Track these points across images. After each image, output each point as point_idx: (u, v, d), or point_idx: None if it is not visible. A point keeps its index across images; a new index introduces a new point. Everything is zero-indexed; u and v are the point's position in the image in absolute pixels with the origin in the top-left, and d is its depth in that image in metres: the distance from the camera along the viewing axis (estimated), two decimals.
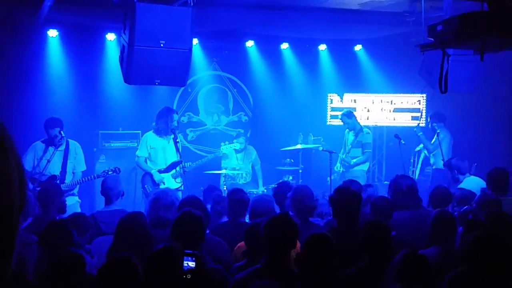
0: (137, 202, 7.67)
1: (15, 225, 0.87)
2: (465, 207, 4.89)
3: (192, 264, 3.08)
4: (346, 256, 3.66)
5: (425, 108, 9.06)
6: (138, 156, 7.27)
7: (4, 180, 0.85)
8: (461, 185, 5.87)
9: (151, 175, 7.12)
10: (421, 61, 7.34)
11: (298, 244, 3.51)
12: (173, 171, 7.18)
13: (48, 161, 6.44)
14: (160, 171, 7.13)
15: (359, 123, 8.66)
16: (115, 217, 4.32)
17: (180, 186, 7.15)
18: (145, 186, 7.13)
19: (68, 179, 6.61)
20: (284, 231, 3.34)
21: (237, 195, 4.91)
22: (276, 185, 5.94)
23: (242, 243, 4.03)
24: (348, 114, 8.65)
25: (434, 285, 3.16)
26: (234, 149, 8.53)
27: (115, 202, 5.16)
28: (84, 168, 6.86)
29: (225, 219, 4.95)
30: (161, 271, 3.03)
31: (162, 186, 6.92)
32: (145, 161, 7.23)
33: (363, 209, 4.57)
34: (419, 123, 8.79)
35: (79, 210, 6.40)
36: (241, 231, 4.05)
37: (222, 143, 8.52)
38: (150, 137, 7.25)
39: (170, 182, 7.14)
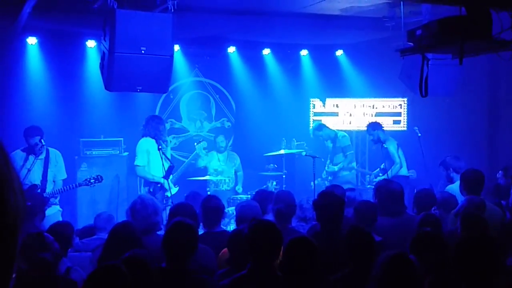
0: (120, 210, 7.59)
1: (18, 233, 0.85)
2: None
3: None
4: (330, 260, 3.67)
5: (406, 112, 9.14)
6: (138, 166, 6.86)
7: (11, 187, 0.83)
8: (453, 186, 5.74)
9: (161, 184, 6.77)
10: (401, 65, 7.41)
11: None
12: (171, 176, 6.85)
13: (29, 170, 6.35)
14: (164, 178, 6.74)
15: (332, 130, 8.63)
16: (95, 242, 4.58)
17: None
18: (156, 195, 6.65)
19: (49, 188, 6.52)
20: (267, 238, 3.32)
21: (212, 203, 4.71)
22: (255, 193, 5.78)
23: (225, 250, 4.01)
24: (318, 128, 8.60)
25: None
26: (216, 152, 8.49)
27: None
28: (65, 176, 6.77)
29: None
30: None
31: (168, 194, 6.71)
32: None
33: (345, 212, 4.58)
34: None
35: (60, 219, 6.32)
36: (217, 242, 4.09)
37: (195, 143, 8.19)
38: (147, 142, 6.90)
39: (172, 189, 6.91)
